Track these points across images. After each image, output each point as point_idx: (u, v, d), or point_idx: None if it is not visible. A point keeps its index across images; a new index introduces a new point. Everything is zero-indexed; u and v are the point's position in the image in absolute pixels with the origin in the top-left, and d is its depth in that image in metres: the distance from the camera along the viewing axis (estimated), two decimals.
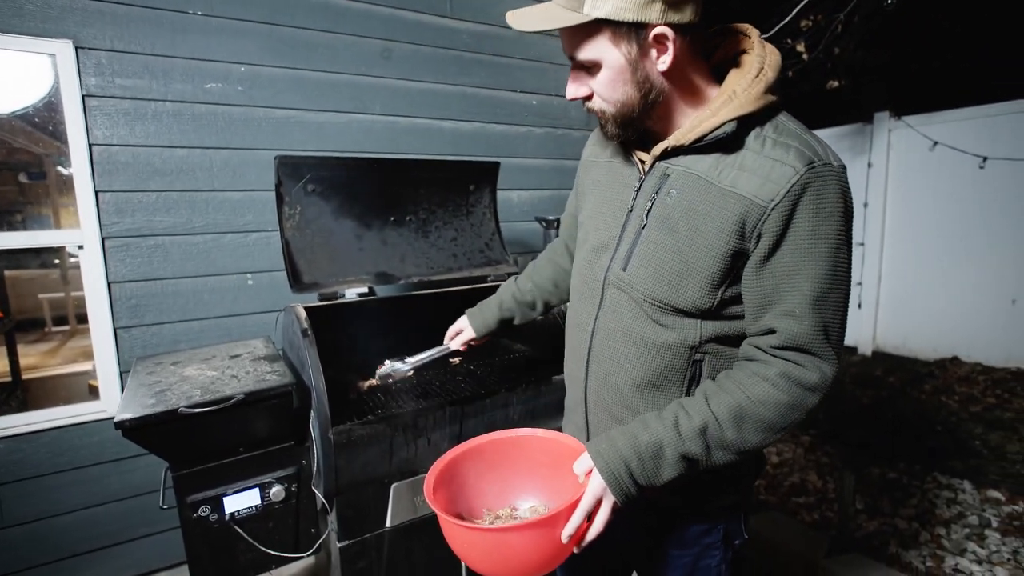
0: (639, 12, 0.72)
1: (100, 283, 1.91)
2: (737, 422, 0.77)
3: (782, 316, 0.77)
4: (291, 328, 1.48)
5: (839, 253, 0.76)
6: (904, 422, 3.58)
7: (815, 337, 0.76)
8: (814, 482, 2.85)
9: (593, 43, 0.77)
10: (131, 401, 1.16)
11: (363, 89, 2.35)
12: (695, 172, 0.82)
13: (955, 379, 4.24)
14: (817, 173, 0.74)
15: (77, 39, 1.83)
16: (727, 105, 0.78)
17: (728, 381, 0.81)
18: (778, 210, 0.75)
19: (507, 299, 1.27)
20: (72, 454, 1.91)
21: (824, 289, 0.76)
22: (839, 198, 0.75)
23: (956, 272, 4.58)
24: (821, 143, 0.79)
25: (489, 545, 0.76)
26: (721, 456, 0.79)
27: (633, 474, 0.78)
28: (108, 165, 1.90)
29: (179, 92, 2.00)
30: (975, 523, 2.43)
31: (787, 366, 0.78)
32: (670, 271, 0.83)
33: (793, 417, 0.78)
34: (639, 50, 0.76)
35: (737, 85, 0.79)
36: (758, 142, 0.79)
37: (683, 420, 0.78)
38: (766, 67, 0.80)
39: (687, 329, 0.85)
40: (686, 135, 0.81)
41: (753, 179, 0.76)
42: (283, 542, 1.35)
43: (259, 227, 2.17)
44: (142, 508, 2.00)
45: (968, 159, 4.35)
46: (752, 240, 0.78)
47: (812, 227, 0.75)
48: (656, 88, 0.80)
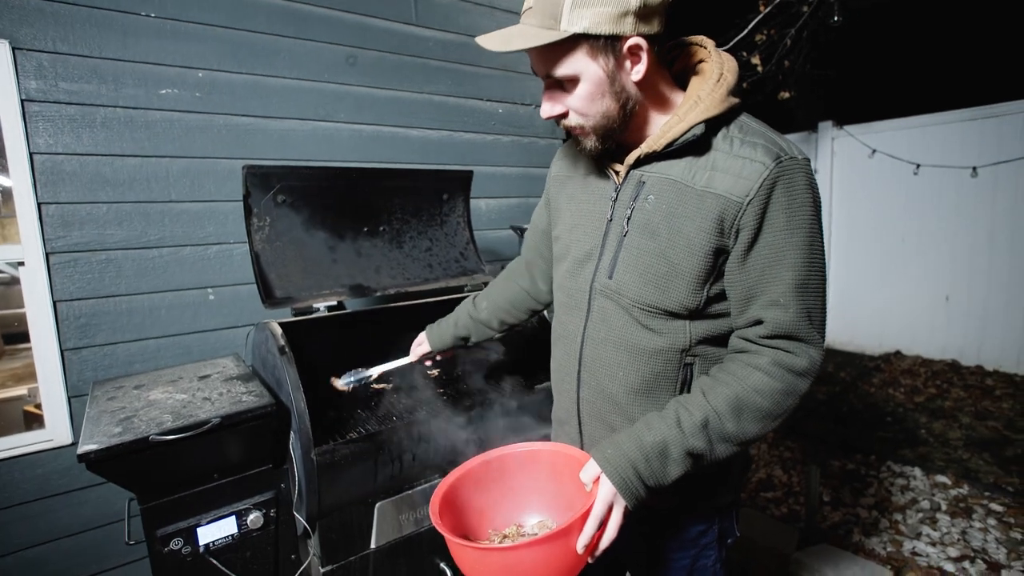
0: (615, 25, 0.75)
1: (44, 301, 1.77)
2: (736, 413, 0.80)
3: (768, 306, 0.80)
4: (265, 345, 1.41)
5: (814, 240, 0.80)
6: (857, 415, 3.77)
7: (801, 323, 0.80)
8: (780, 477, 2.95)
9: (571, 59, 0.79)
10: (94, 430, 1.07)
11: (328, 96, 2.29)
12: (670, 177, 0.85)
13: (899, 372, 4.52)
14: (785, 167, 0.78)
15: (14, 39, 1.70)
16: (694, 109, 0.82)
17: (723, 374, 0.83)
18: (753, 205, 0.78)
19: (463, 318, 1.29)
20: (12, 489, 1.75)
21: (804, 276, 0.80)
22: (807, 188, 0.80)
23: (896, 271, 4.88)
24: (784, 139, 0.83)
25: (505, 565, 0.74)
26: (723, 449, 0.81)
27: (641, 476, 0.78)
28: (52, 175, 1.77)
29: (131, 98, 1.88)
30: (927, 507, 2.58)
31: (777, 354, 0.81)
32: (656, 274, 0.85)
33: (788, 403, 0.81)
34: (615, 62, 0.79)
35: (701, 90, 0.83)
36: (726, 142, 0.82)
37: (684, 416, 0.80)
38: (725, 72, 0.84)
39: (677, 333, 0.87)
40: (657, 141, 0.84)
41: (727, 178, 0.80)
42: (262, 572, 1.28)
43: (220, 239, 2.06)
44: (95, 543, 1.86)
45: (903, 166, 4.66)
46: (731, 236, 0.81)
47: (786, 218, 0.79)
48: (633, 98, 0.83)
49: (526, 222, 2.67)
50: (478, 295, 1.32)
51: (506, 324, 1.27)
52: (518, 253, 2.52)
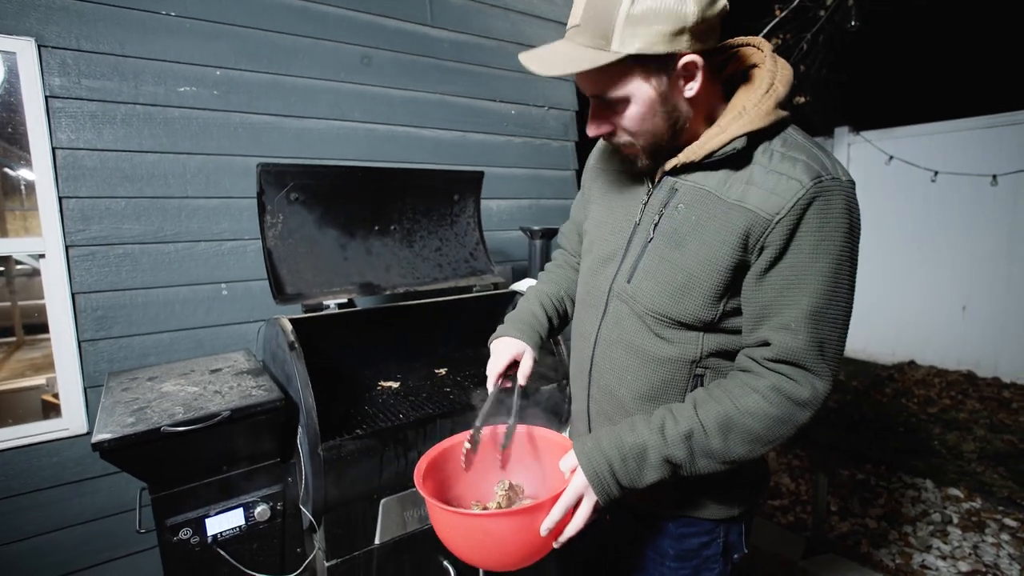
0: (669, 44, 0.71)
1: (63, 293, 1.81)
2: (723, 431, 0.77)
3: (778, 329, 0.77)
4: (275, 340, 1.43)
5: (840, 269, 0.75)
6: (868, 424, 3.73)
7: (810, 352, 0.76)
8: (788, 485, 2.93)
9: (623, 81, 0.75)
10: (108, 420, 1.09)
11: (343, 96, 2.31)
12: (704, 187, 0.82)
13: (913, 382, 4.45)
14: (824, 187, 0.74)
15: (40, 37, 1.74)
16: (736, 121, 0.78)
17: (718, 390, 0.81)
18: (782, 224, 0.74)
19: (548, 307, 1.12)
20: (29, 476, 1.79)
21: (822, 305, 0.75)
22: (844, 213, 0.75)
23: (911, 280, 4.82)
24: (830, 157, 0.79)
25: (470, 530, 0.79)
26: (706, 464, 0.80)
27: (616, 474, 0.78)
28: (73, 170, 1.81)
29: (151, 95, 1.92)
30: (938, 520, 2.55)
31: (779, 379, 0.78)
32: (674, 285, 0.83)
33: (782, 431, 0.78)
34: (669, 81, 0.75)
35: (747, 101, 0.79)
36: (766, 156, 0.79)
37: (669, 425, 0.79)
38: (777, 83, 0.80)
39: (688, 343, 0.85)
40: (696, 152, 0.81)
41: (760, 192, 0.76)
42: (268, 564, 1.30)
43: (235, 235, 2.09)
44: (109, 531, 1.89)
45: (921, 173, 4.60)
46: (754, 252, 0.78)
47: (815, 242, 0.75)
48: (683, 116, 0.80)
49: (537, 223, 2.68)
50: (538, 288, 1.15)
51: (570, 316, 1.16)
52: (528, 254, 2.54)
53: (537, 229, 2.28)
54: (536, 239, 2.30)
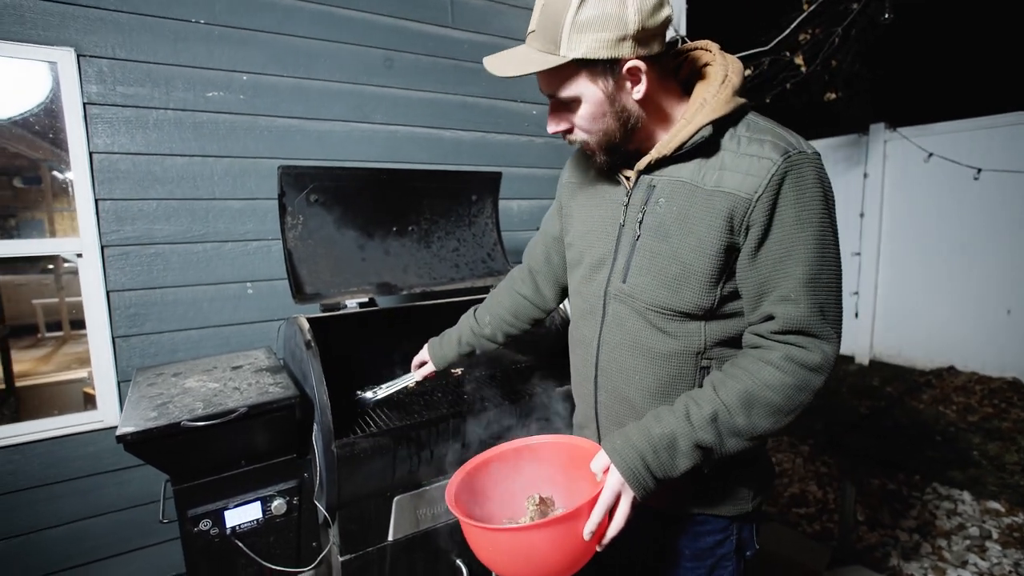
0: (613, 50, 0.76)
1: (99, 291, 1.89)
2: (747, 407, 0.79)
3: (779, 301, 0.80)
4: (293, 339, 1.47)
5: (825, 235, 0.80)
6: (902, 431, 3.59)
7: (813, 318, 0.79)
8: (814, 492, 2.84)
9: (572, 82, 0.82)
10: (132, 414, 1.14)
11: (365, 98, 2.35)
12: (680, 178, 0.86)
13: (952, 389, 4.26)
14: (793, 161, 0.78)
15: (79, 47, 1.82)
16: (700, 111, 0.83)
17: (734, 368, 0.84)
18: (762, 201, 0.79)
19: (465, 333, 1.30)
20: (66, 465, 1.88)
21: (815, 271, 0.79)
22: (817, 182, 0.79)
23: (952, 282, 4.61)
24: (793, 134, 0.83)
25: (513, 546, 0.77)
26: (734, 443, 0.81)
27: (650, 467, 0.79)
28: (108, 173, 1.89)
29: (181, 100, 1.99)
30: (976, 535, 2.43)
31: (790, 349, 0.80)
32: (669, 275, 0.86)
33: (800, 399, 0.80)
34: (615, 84, 0.81)
35: (706, 93, 0.84)
36: (733, 142, 0.83)
37: (693, 410, 0.81)
38: (730, 73, 0.85)
39: (692, 335, 0.88)
40: (667, 145, 0.85)
41: (735, 176, 0.81)
42: (284, 556, 1.33)
43: (259, 236, 2.15)
44: (138, 520, 1.97)
45: (963, 170, 4.40)
46: (741, 233, 0.81)
47: (796, 213, 0.79)
48: (634, 116, 0.85)
49: None
50: (479, 308, 1.33)
51: (510, 336, 1.28)
52: None
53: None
54: None
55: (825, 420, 3.83)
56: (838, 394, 4.41)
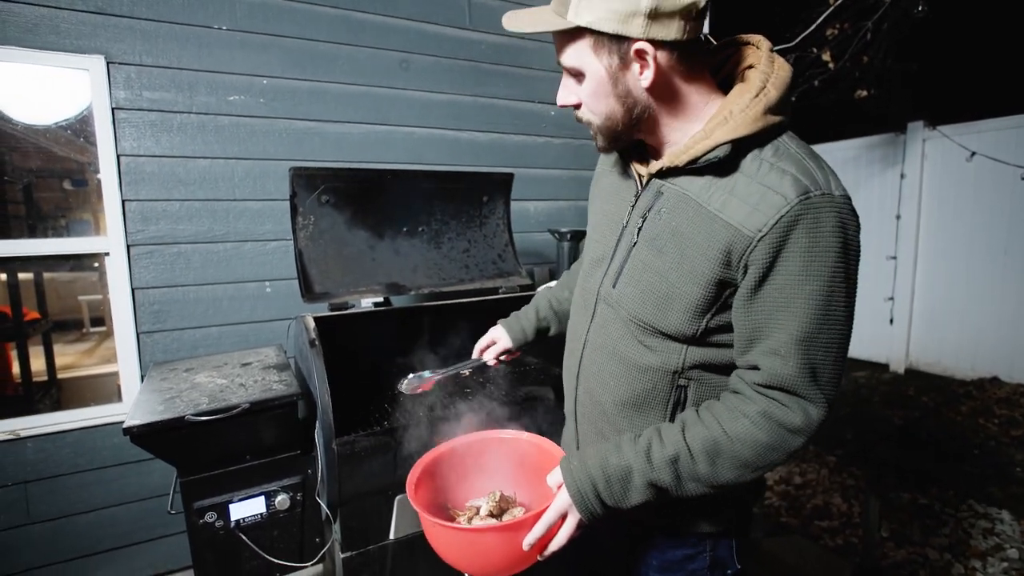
0: (620, 24, 0.71)
1: (125, 289, 1.97)
2: (711, 456, 0.75)
3: (767, 354, 0.74)
4: (301, 337, 1.49)
5: (834, 291, 0.71)
6: (937, 444, 3.42)
7: (800, 379, 0.73)
8: (839, 505, 2.74)
9: (575, 50, 0.77)
10: (141, 407, 1.18)
11: (382, 100, 2.38)
12: (687, 193, 0.80)
13: (995, 400, 4.04)
14: (811, 204, 0.70)
15: (109, 54, 1.91)
16: (722, 127, 0.75)
17: (708, 413, 0.79)
18: (765, 242, 0.71)
19: (544, 307, 1.22)
20: (94, 454, 1.97)
21: (813, 329, 0.72)
22: (837, 231, 0.70)
23: (996, 287, 4.37)
24: (824, 169, 0.74)
25: (456, 541, 0.83)
26: (694, 487, 0.77)
27: (600, 495, 0.78)
28: (135, 175, 1.97)
29: (203, 104, 2.06)
30: (1015, 557, 2.30)
31: (770, 404, 0.74)
32: (656, 294, 0.81)
33: (772, 457, 0.75)
34: (620, 63, 0.74)
35: (735, 105, 0.76)
36: (754, 165, 0.75)
37: (656, 448, 0.77)
38: (769, 86, 0.76)
39: (671, 353, 0.83)
40: (680, 156, 0.78)
41: (742, 206, 0.73)
42: (287, 551, 1.36)
43: (278, 236, 2.21)
44: (159, 509, 2.05)
45: (1009, 170, 4.16)
46: (739, 271, 0.74)
47: (803, 263, 0.70)
48: (640, 104, 0.78)
49: (574, 225, 2.65)
50: (555, 286, 1.26)
51: None
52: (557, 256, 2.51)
53: (565, 231, 2.25)
54: (564, 241, 2.27)
55: (855, 430, 3.69)
56: (870, 403, 4.23)
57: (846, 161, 5.16)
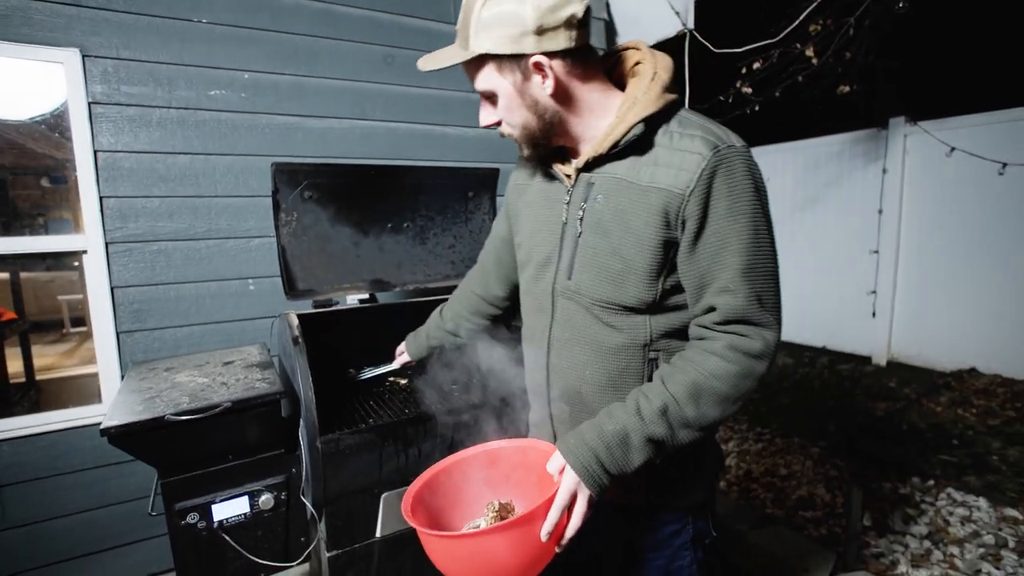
0: (514, 45, 0.80)
1: (103, 288, 1.94)
2: (695, 398, 0.81)
3: (719, 293, 0.83)
4: (284, 335, 1.48)
5: (758, 224, 0.82)
6: (918, 434, 3.48)
7: (751, 307, 0.82)
8: (822, 496, 2.78)
9: (483, 75, 0.86)
10: (119, 408, 1.16)
11: (365, 95, 2.36)
12: (617, 175, 0.88)
13: (973, 391, 4.13)
14: (723, 155, 0.81)
15: (84, 48, 1.86)
16: (631, 110, 0.85)
17: (681, 361, 0.86)
18: (695, 195, 0.81)
19: (432, 329, 1.37)
20: (73, 456, 1.93)
21: (751, 260, 0.81)
22: (747, 174, 0.82)
23: (975, 281, 4.46)
24: (723, 129, 0.85)
25: (469, 552, 0.75)
26: (685, 434, 0.83)
27: (604, 464, 0.81)
28: (113, 171, 1.93)
29: (183, 99, 2.02)
30: (991, 543, 2.35)
31: (732, 338, 0.83)
32: (611, 271, 0.88)
33: (745, 385, 0.82)
34: (522, 78, 0.84)
35: (637, 91, 0.87)
36: (666, 137, 0.85)
37: (644, 404, 0.82)
38: (659, 70, 0.88)
39: (637, 328, 0.90)
40: (602, 144, 0.87)
41: (668, 171, 0.83)
42: (272, 551, 1.35)
43: (261, 233, 2.18)
44: (141, 512, 2.01)
45: (987, 165, 4.24)
46: (678, 228, 0.83)
47: (728, 204, 0.81)
48: (550, 110, 0.87)
49: None
50: (444, 306, 1.39)
51: (470, 331, 1.33)
52: None
53: None
54: None
55: (839, 422, 3.75)
56: (853, 395, 4.30)
57: (829, 156, 5.21)
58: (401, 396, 1.61)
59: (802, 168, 5.48)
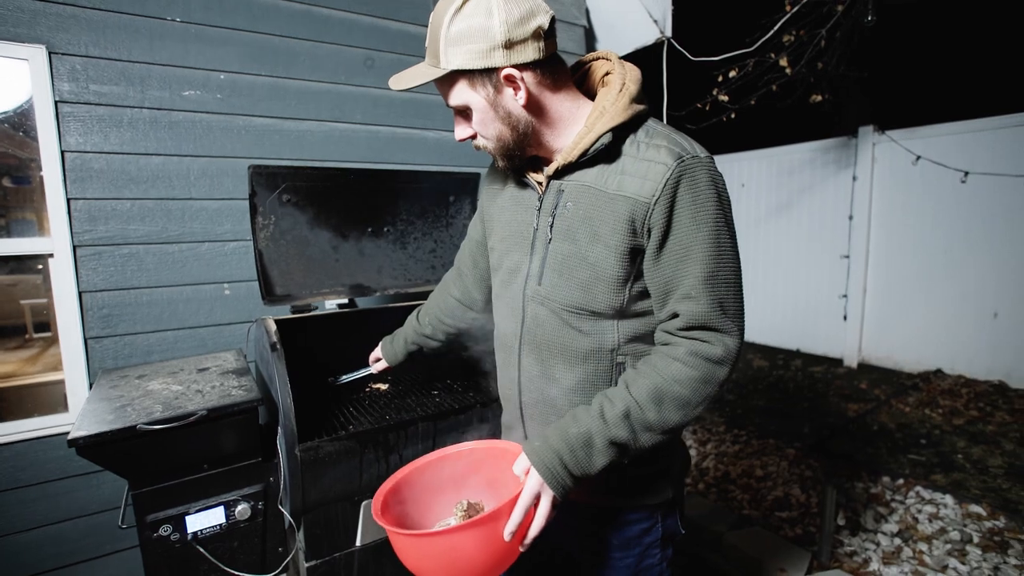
0: (484, 59, 0.82)
1: (71, 292, 1.87)
2: (657, 402, 0.83)
3: (681, 299, 0.85)
4: (261, 341, 1.45)
5: (720, 233, 0.84)
6: (888, 435, 3.59)
7: (713, 314, 0.83)
8: (798, 496, 2.84)
9: (456, 91, 0.87)
10: (89, 417, 1.12)
11: (344, 98, 2.33)
12: (585, 183, 0.90)
13: (939, 392, 4.27)
14: (687, 165, 0.83)
15: (51, 44, 1.80)
16: (600, 119, 0.87)
17: (645, 366, 0.87)
18: (660, 204, 0.83)
19: (410, 333, 1.36)
20: (37, 468, 1.86)
21: (713, 268, 0.83)
22: (710, 184, 0.84)
23: (939, 285, 4.62)
24: (688, 140, 0.88)
25: (436, 550, 0.78)
26: (647, 438, 0.84)
27: (567, 466, 0.82)
28: (81, 172, 1.87)
29: (156, 99, 1.97)
30: (957, 539, 2.43)
31: (694, 344, 0.84)
32: (580, 277, 0.90)
33: (706, 391, 0.84)
34: (495, 91, 0.85)
35: (605, 101, 0.89)
36: (633, 147, 0.88)
37: (607, 408, 0.84)
38: (627, 81, 0.89)
39: (605, 333, 0.92)
40: (571, 152, 0.89)
41: (634, 180, 0.85)
42: (248, 562, 1.31)
43: (237, 236, 2.13)
44: (111, 524, 1.95)
45: (950, 173, 4.40)
46: (644, 235, 0.86)
47: (691, 214, 0.83)
48: (523, 121, 0.89)
49: None
50: (421, 309, 1.38)
51: (449, 334, 1.33)
52: None
53: None
54: None
55: (813, 423, 3.83)
56: (826, 397, 4.41)
57: (802, 163, 5.35)
58: (381, 402, 1.59)
59: (776, 174, 5.61)
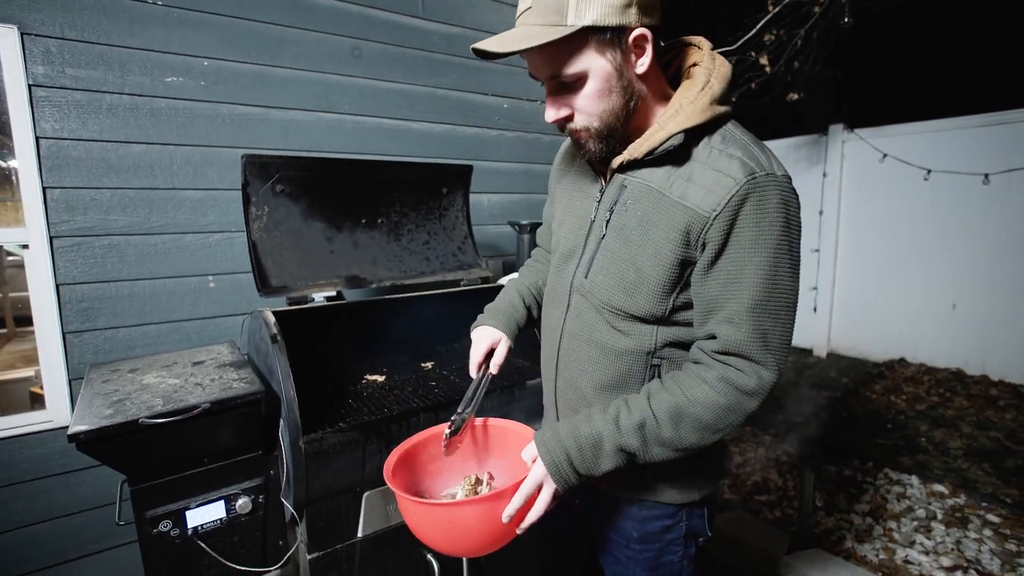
0: (621, 16, 0.73)
1: (47, 284, 1.80)
2: (675, 420, 0.80)
3: (722, 322, 0.80)
4: (258, 333, 1.43)
5: (779, 262, 0.78)
6: (857, 420, 3.75)
7: (753, 344, 0.79)
8: (775, 480, 2.94)
9: (580, 55, 0.76)
10: (86, 412, 1.09)
11: (331, 87, 2.30)
12: (649, 184, 0.85)
13: (903, 379, 4.48)
14: (758, 183, 0.76)
15: (23, 25, 1.72)
16: (674, 118, 0.81)
17: (671, 381, 0.84)
18: (719, 220, 0.77)
19: (526, 295, 1.17)
20: (13, 468, 1.79)
21: (762, 297, 0.78)
22: (780, 207, 0.77)
23: (903, 278, 4.83)
24: (767, 153, 0.81)
25: (439, 519, 0.82)
26: (659, 452, 0.82)
27: (573, 463, 0.81)
28: (57, 160, 1.79)
29: (137, 85, 1.90)
30: (922, 516, 2.57)
31: (726, 370, 0.80)
32: (626, 280, 0.87)
33: (730, 419, 0.80)
34: (622, 55, 0.77)
35: (684, 98, 0.82)
36: (706, 152, 0.81)
37: (623, 415, 0.82)
38: (713, 79, 0.82)
39: (643, 335, 0.89)
40: (638, 148, 0.84)
41: (699, 191, 0.79)
42: (250, 556, 1.30)
43: (222, 227, 2.08)
44: (91, 523, 1.89)
45: (914, 171, 4.60)
46: (697, 248, 0.81)
47: (752, 236, 0.77)
48: (637, 92, 0.81)
49: (528, 218, 2.67)
50: (516, 283, 1.20)
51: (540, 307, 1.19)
52: (517, 249, 2.53)
53: (525, 223, 2.27)
54: (524, 233, 2.29)
55: (786, 411, 3.97)
56: (798, 385, 4.57)
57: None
58: (378, 394, 1.58)
59: None
